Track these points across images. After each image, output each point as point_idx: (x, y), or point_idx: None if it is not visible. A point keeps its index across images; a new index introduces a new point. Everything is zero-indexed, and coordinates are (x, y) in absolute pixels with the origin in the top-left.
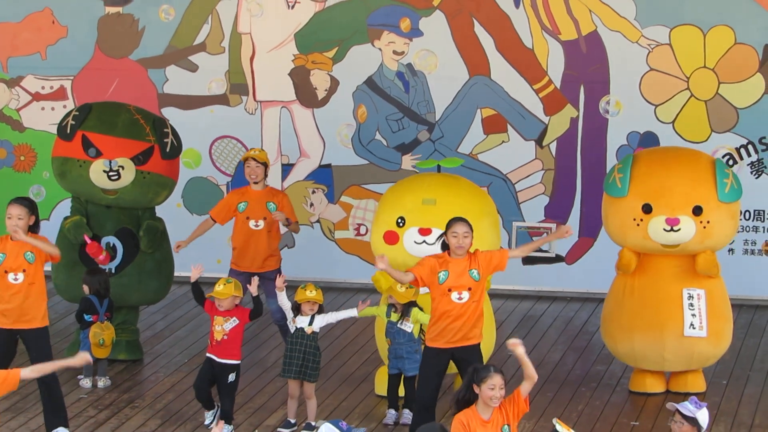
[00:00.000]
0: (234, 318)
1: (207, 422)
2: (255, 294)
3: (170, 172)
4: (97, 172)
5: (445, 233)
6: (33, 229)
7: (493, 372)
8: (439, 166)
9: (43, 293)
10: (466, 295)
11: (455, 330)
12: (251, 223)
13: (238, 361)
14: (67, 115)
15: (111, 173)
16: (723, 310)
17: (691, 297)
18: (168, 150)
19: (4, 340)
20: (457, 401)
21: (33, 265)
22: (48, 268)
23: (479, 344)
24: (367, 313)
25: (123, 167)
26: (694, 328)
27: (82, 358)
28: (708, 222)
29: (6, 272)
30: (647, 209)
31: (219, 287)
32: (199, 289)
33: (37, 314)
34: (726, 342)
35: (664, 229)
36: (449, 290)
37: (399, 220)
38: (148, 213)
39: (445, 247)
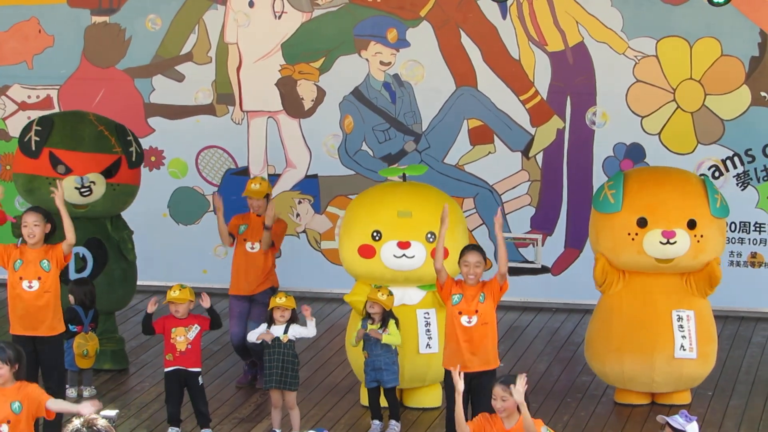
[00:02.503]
0: (196, 325)
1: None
2: (207, 306)
3: (136, 180)
4: (68, 189)
5: (458, 260)
6: (49, 238)
7: (497, 384)
8: (404, 175)
9: (57, 301)
10: (474, 319)
11: (466, 352)
12: (247, 246)
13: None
14: (28, 129)
15: (83, 189)
16: (710, 330)
17: (680, 318)
18: (134, 159)
19: (29, 350)
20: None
21: (49, 273)
22: None
23: (495, 371)
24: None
25: (94, 182)
26: (684, 350)
27: (94, 404)
28: (702, 236)
29: (21, 279)
30: (642, 223)
31: (174, 293)
32: (149, 320)
33: (51, 322)
34: (712, 361)
35: (660, 242)
36: (459, 313)
37: (374, 234)
38: (119, 222)
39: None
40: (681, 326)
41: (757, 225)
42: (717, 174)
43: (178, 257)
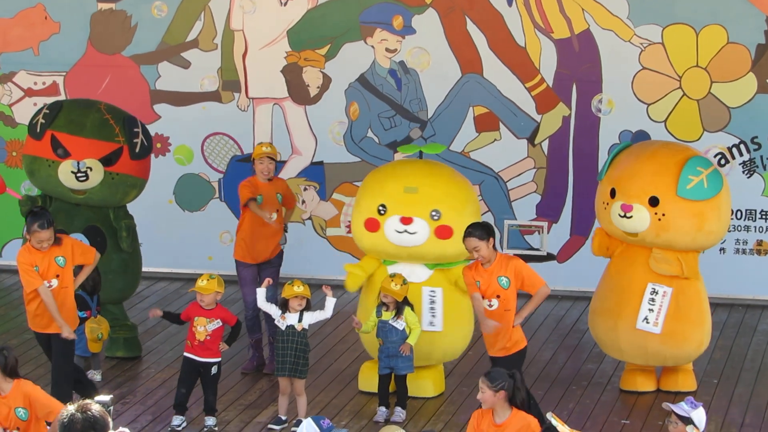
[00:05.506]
0: (218, 320)
1: (177, 423)
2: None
3: (140, 172)
4: (65, 172)
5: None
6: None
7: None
8: (421, 152)
9: (72, 296)
10: (495, 302)
11: (489, 339)
12: (267, 217)
13: (220, 358)
14: (38, 112)
15: (79, 174)
16: (691, 313)
17: (654, 292)
18: (137, 150)
19: (48, 343)
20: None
21: (64, 269)
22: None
23: (517, 354)
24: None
25: (91, 168)
26: (647, 323)
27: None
28: (663, 215)
29: (42, 281)
30: (612, 194)
31: (202, 282)
32: (170, 315)
33: (68, 318)
34: (692, 346)
35: (619, 215)
36: (482, 297)
37: (380, 208)
38: (121, 211)
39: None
40: (652, 300)
41: (763, 213)
42: (723, 161)
43: (183, 244)
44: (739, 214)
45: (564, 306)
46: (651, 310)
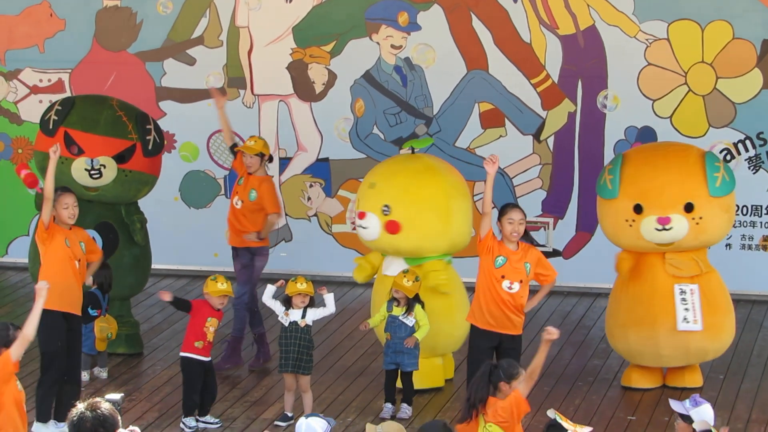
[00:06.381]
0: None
1: (192, 425)
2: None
3: (152, 169)
4: (78, 170)
5: (499, 219)
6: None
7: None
8: (412, 148)
9: (81, 286)
10: (516, 286)
11: (500, 316)
12: (234, 200)
13: None
14: (50, 108)
15: (92, 172)
16: (721, 302)
17: (683, 292)
18: (150, 148)
19: (61, 324)
20: (472, 404)
21: (84, 256)
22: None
23: (521, 336)
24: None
25: (105, 166)
26: (687, 322)
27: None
28: (701, 218)
29: (71, 258)
30: (638, 210)
31: (222, 285)
32: (179, 301)
33: (79, 302)
34: (727, 335)
35: (656, 229)
36: (503, 277)
37: (354, 203)
38: (132, 207)
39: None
40: (684, 299)
41: None
42: (729, 157)
43: (189, 241)
44: (745, 209)
45: (570, 302)
46: (687, 309)
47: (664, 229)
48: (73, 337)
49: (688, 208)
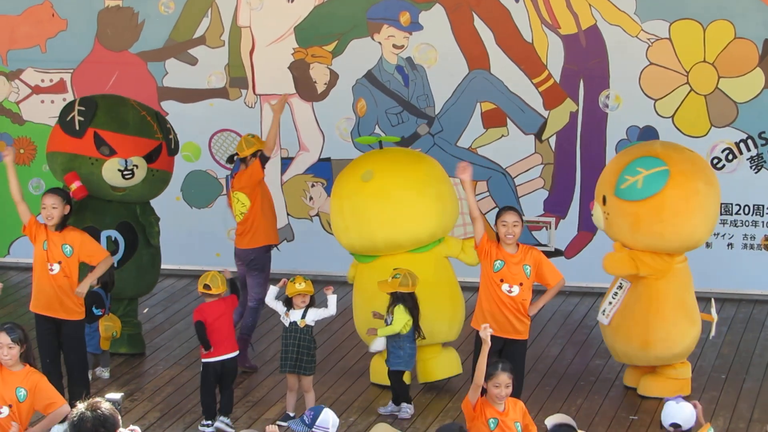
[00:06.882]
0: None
1: (211, 429)
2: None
3: (171, 168)
4: (111, 170)
5: (495, 223)
6: (66, 220)
7: (500, 370)
8: (380, 142)
9: (74, 287)
10: (516, 289)
11: (502, 320)
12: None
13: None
14: (70, 108)
15: (125, 172)
16: (650, 316)
17: (621, 287)
18: (173, 147)
19: (48, 329)
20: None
21: (69, 259)
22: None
23: (525, 342)
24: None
25: (137, 166)
26: (603, 314)
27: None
28: (608, 214)
29: (46, 260)
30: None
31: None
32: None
33: (72, 306)
34: (638, 342)
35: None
36: (501, 281)
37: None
38: (147, 207)
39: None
40: (615, 293)
41: None
42: (730, 157)
43: (191, 240)
44: (746, 209)
45: (572, 302)
46: (610, 303)
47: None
48: (66, 343)
49: (604, 200)
